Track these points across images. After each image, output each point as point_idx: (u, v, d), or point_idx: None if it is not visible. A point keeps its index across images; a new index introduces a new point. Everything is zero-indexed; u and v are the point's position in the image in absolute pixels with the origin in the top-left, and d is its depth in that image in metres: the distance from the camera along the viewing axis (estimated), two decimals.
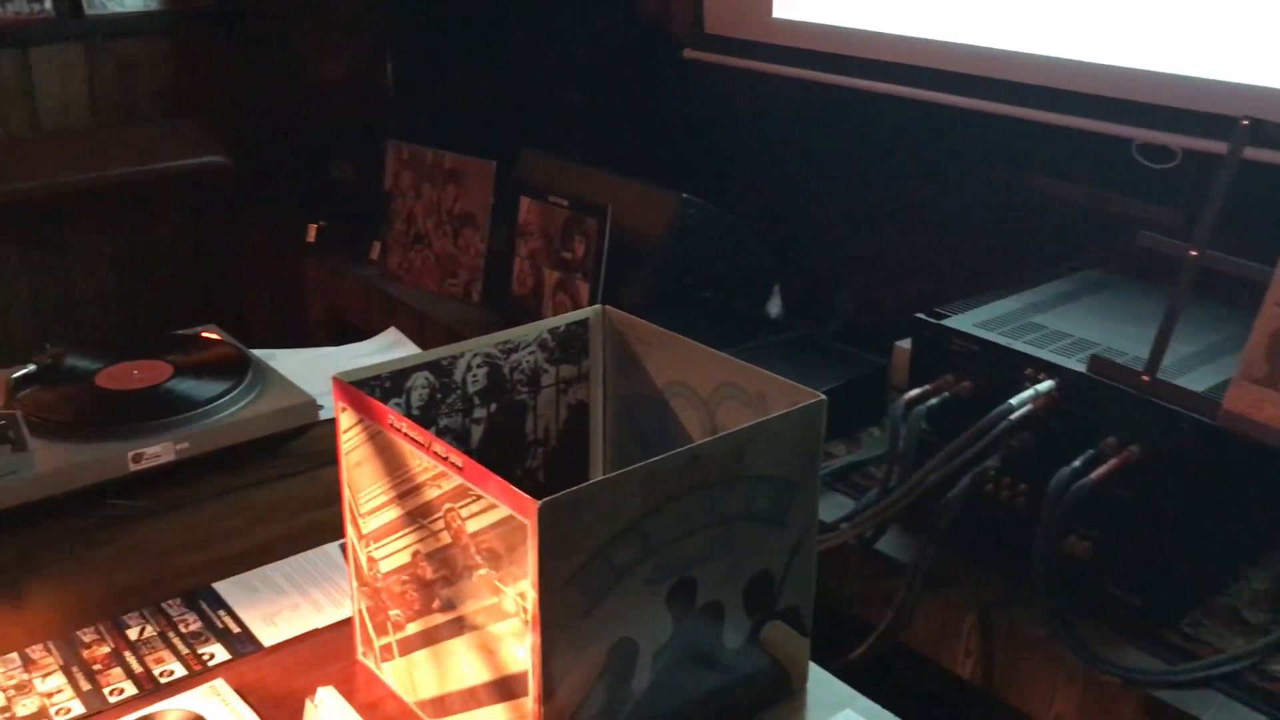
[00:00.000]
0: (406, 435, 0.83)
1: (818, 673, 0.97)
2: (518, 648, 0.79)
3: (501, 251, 2.17)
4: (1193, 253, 1.20)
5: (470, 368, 1.00)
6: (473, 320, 2.16)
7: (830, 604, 1.42)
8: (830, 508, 1.46)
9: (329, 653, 0.99)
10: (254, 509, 1.22)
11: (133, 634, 1.01)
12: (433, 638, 0.88)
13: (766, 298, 2.07)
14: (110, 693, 0.94)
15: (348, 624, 1.00)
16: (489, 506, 0.77)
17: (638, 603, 0.80)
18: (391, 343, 1.72)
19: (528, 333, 1.03)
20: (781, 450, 0.86)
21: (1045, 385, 1.28)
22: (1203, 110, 1.57)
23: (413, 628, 0.90)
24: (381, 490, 0.88)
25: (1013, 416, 1.28)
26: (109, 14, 2.76)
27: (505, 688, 0.81)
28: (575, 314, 1.06)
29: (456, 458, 0.79)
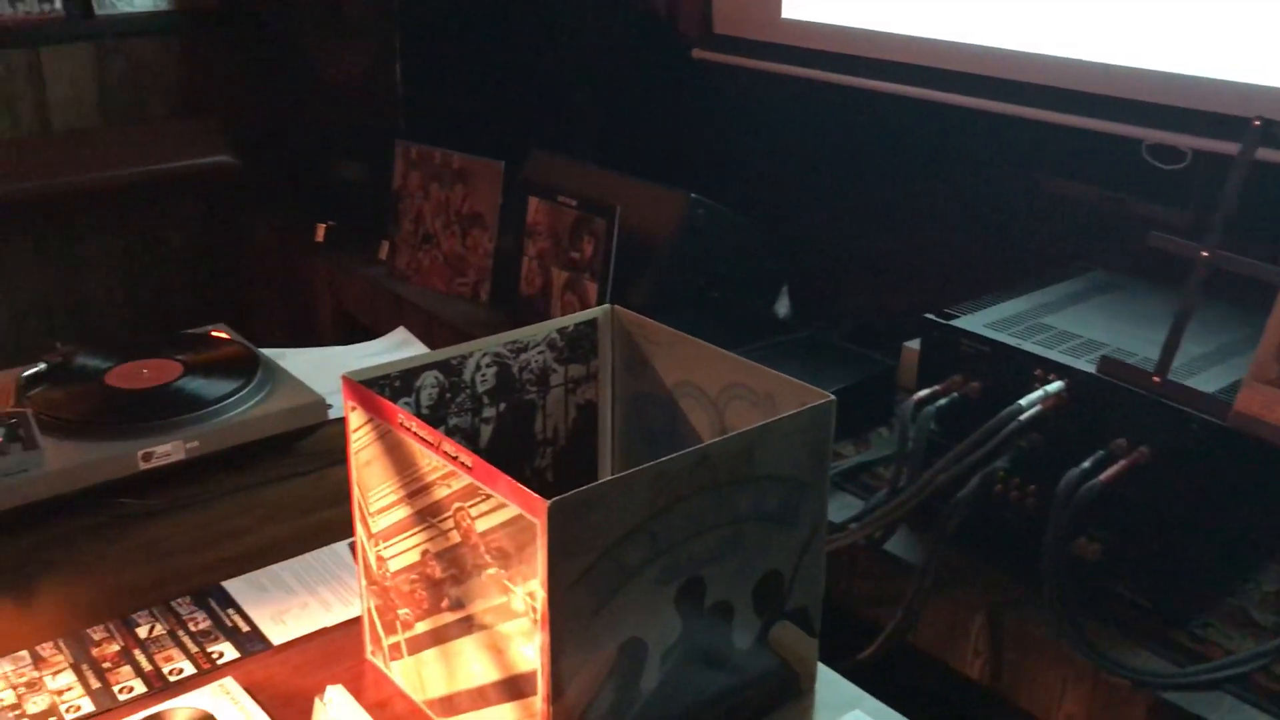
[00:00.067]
0: (416, 434, 0.83)
1: (826, 673, 0.97)
2: (527, 647, 0.79)
3: (510, 251, 2.17)
4: (1204, 253, 1.20)
5: (479, 367, 1.00)
6: (481, 320, 2.16)
7: (839, 604, 1.42)
8: (839, 508, 1.46)
9: (338, 651, 1.00)
10: (263, 508, 1.22)
11: (142, 632, 1.02)
12: (441, 637, 0.88)
13: (775, 298, 2.07)
14: (120, 691, 0.95)
15: (357, 623, 1.00)
16: (498, 506, 0.77)
17: (647, 603, 0.80)
18: (400, 342, 1.72)
19: (537, 332, 1.03)
20: (791, 450, 0.86)
21: (1055, 386, 1.28)
22: (1213, 110, 1.57)
23: (421, 627, 0.90)
24: (391, 489, 0.88)
25: (1022, 417, 1.28)
26: (119, 14, 2.77)
27: (514, 687, 0.81)
28: (584, 314, 1.06)
29: (466, 457, 0.79)
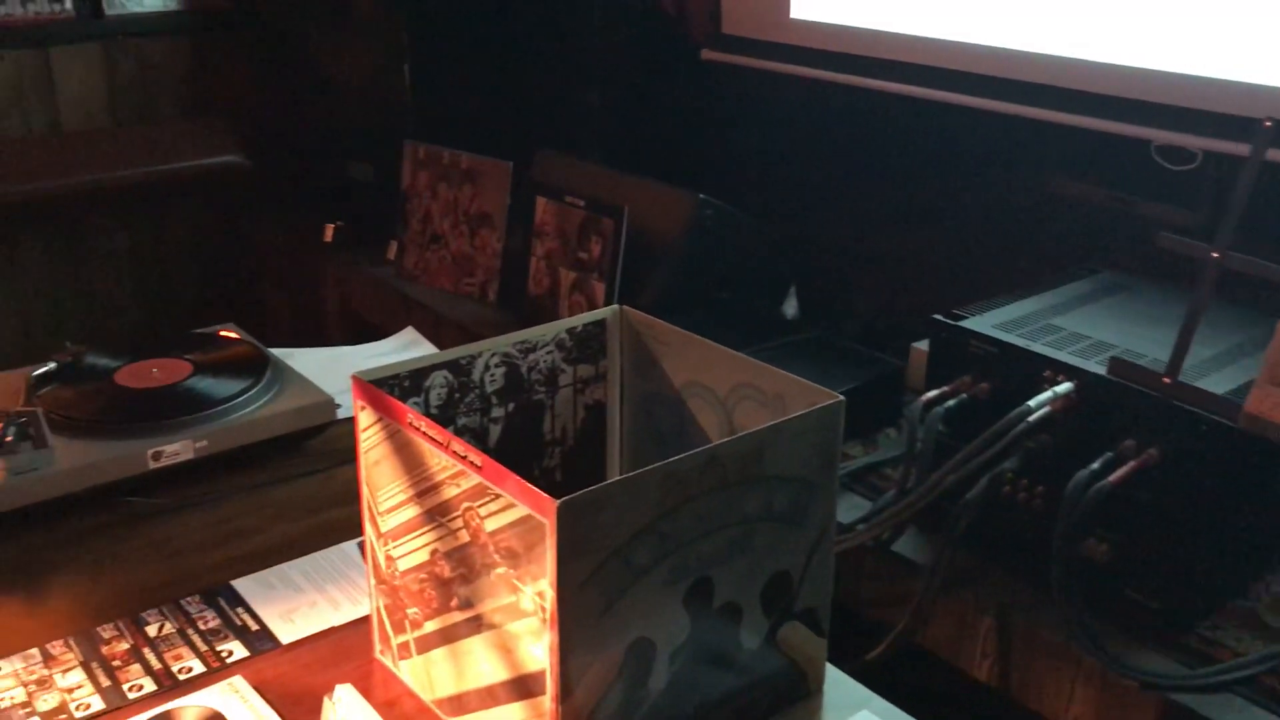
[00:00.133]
0: (425, 434, 0.84)
1: (835, 674, 0.97)
2: (535, 646, 0.79)
3: (518, 251, 2.17)
4: (1214, 254, 1.19)
5: (488, 367, 1.00)
6: (489, 320, 2.16)
7: (847, 605, 1.42)
8: (847, 509, 1.46)
9: (347, 650, 1.00)
10: (273, 507, 1.23)
11: (152, 631, 1.02)
12: (450, 636, 0.88)
13: (783, 298, 2.07)
14: (129, 689, 0.95)
15: (365, 622, 1.00)
16: (507, 505, 0.77)
17: (655, 603, 0.80)
18: (408, 342, 1.72)
19: (545, 332, 1.03)
20: (800, 451, 0.86)
21: (1064, 387, 1.27)
22: (1223, 111, 1.57)
23: (430, 626, 0.90)
24: (400, 489, 0.88)
25: (1031, 418, 1.27)
26: (129, 14, 2.78)
27: (523, 686, 0.81)
28: (593, 314, 1.06)
29: (475, 456, 0.79)
